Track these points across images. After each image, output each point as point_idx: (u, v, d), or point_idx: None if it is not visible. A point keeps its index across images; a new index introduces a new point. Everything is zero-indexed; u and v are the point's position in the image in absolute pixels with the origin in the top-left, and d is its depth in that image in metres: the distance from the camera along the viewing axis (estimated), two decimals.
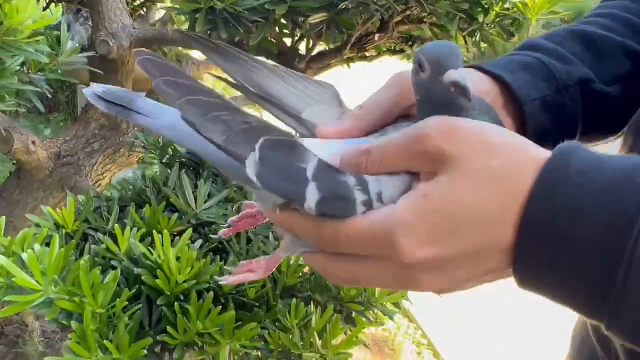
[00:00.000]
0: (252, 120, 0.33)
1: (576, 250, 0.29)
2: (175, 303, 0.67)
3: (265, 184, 0.33)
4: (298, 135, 0.39)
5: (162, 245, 0.72)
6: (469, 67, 0.45)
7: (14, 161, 1.44)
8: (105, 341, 0.62)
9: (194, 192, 0.98)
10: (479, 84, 0.43)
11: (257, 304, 0.76)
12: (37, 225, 0.90)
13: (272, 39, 1.25)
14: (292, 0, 1.13)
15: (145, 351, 0.66)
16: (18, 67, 1.12)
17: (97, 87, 0.38)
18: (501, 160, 0.32)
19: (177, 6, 1.31)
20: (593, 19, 0.52)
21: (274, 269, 0.40)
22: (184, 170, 1.36)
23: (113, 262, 0.77)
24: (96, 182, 1.63)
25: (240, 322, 0.70)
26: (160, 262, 0.71)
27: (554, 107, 0.44)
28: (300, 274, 0.81)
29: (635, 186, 0.29)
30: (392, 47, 1.55)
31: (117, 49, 1.45)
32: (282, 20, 1.21)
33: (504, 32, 1.20)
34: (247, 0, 1.18)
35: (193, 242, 0.93)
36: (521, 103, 0.43)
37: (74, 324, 0.63)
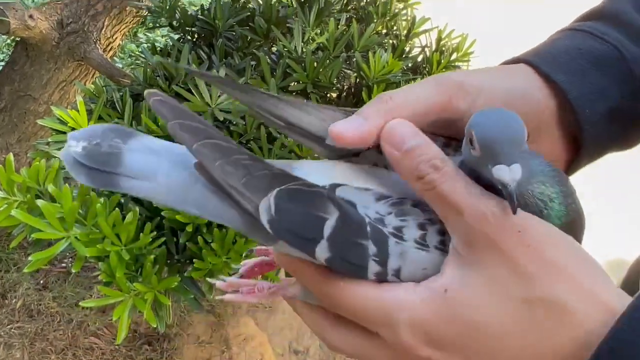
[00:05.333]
0: (273, 168, 0.31)
1: None
2: (199, 237, 0.66)
3: (278, 233, 0.30)
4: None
5: None
6: (521, 61, 0.35)
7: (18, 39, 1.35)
8: (135, 284, 0.63)
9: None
10: (534, 94, 0.34)
11: None
12: (54, 130, 0.87)
13: None
14: None
15: (177, 281, 0.67)
16: None
17: (75, 143, 0.31)
18: (571, 294, 0.27)
19: None
20: None
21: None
22: (195, 40, 1.26)
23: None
24: (107, 46, 1.53)
25: None
26: None
27: (624, 116, 0.35)
28: None
29: None
30: None
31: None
32: None
33: None
34: None
35: None
36: (581, 123, 0.34)
37: (101, 265, 0.63)
